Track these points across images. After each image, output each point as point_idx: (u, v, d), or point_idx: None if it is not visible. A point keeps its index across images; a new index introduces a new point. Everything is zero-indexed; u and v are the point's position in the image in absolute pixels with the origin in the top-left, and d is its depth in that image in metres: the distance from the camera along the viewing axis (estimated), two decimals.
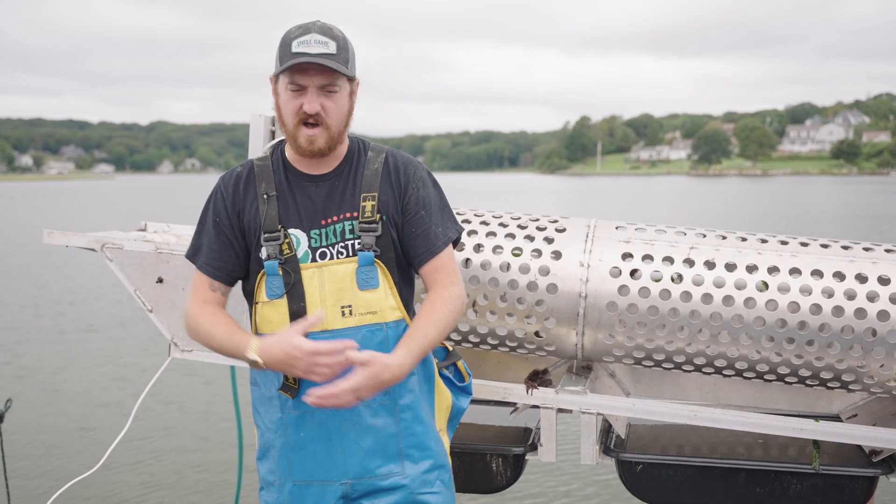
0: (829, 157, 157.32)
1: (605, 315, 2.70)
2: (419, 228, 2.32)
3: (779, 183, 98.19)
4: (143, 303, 2.98)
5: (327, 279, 2.23)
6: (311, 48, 2.18)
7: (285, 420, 2.28)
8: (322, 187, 2.30)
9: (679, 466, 2.70)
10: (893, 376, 2.59)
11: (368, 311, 2.23)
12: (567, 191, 72.80)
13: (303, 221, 2.27)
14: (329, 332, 2.20)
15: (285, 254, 2.24)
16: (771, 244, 2.73)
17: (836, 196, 60.09)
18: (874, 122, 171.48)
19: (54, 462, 6.71)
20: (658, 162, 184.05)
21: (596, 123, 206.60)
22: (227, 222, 2.31)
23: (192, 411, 8.16)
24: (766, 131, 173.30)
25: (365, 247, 2.24)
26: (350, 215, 2.27)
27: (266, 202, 2.28)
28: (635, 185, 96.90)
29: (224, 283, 2.34)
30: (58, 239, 3.01)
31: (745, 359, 2.67)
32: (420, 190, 2.34)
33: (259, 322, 2.28)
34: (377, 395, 2.20)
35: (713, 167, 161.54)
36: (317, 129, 2.22)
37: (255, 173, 2.34)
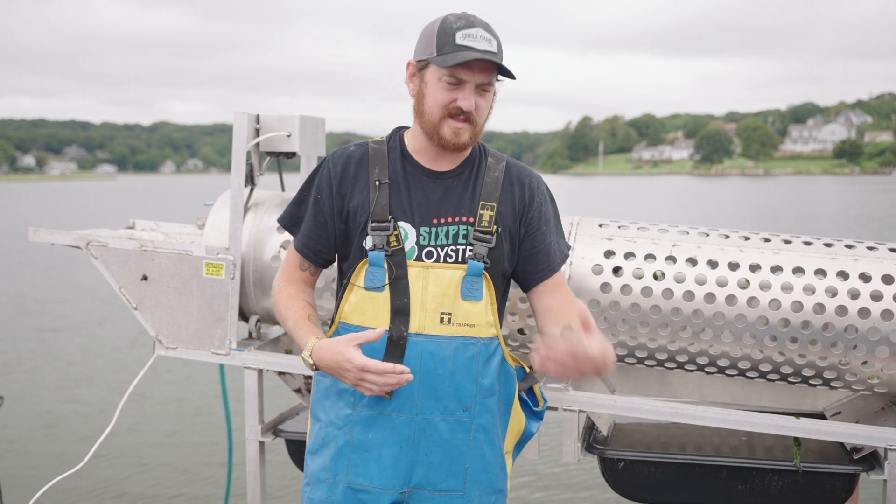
0: (832, 156, 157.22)
1: None
2: (541, 244, 2.26)
3: (781, 183, 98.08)
4: (128, 300, 2.98)
5: (432, 282, 2.15)
6: (477, 43, 2.10)
7: (355, 418, 2.19)
8: (439, 185, 2.21)
9: (661, 463, 2.71)
10: (875, 373, 2.60)
11: (466, 323, 2.16)
12: (569, 191, 72.67)
13: (414, 216, 2.18)
14: (424, 336, 2.14)
15: (392, 246, 2.16)
16: (753, 241, 2.73)
17: (839, 196, 60.02)
18: (876, 121, 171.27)
19: (39, 459, 6.72)
20: (660, 162, 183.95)
21: (598, 123, 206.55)
22: (327, 202, 2.23)
23: (179, 408, 8.19)
24: (768, 131, 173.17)
25: (476, 256, 2.16)
26: (466, 220, 2.18)
27: (378, 189, 2.19)
28: (637, 185, 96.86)
29: (313, 264, 2.29)
30: (43, 237, 3.02)
31: (728, 356, 2.67)
32: (543, 205, 2.29)
33: (348, 310, 2.19)
34: (457, 411, 2.16)
35: (715, 167, 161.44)
36: (466, 123, 2.14)
37: (368, 156, 2.24)
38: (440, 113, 2.13)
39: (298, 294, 2.29)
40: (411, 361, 2.13)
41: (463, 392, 2.16)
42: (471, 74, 2.10)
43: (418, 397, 2.15)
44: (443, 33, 2.11)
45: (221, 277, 2.90)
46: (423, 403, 2.15)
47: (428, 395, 2.15)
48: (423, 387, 2.14)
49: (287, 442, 3.01)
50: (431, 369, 2.14)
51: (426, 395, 2.15)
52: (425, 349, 2.14)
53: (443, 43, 2.10)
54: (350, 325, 2.19)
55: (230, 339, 2.92)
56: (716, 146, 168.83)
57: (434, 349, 2.14)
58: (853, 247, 2.68)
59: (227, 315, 2.91)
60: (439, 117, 2.13)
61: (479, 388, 2.18)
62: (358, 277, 2.18)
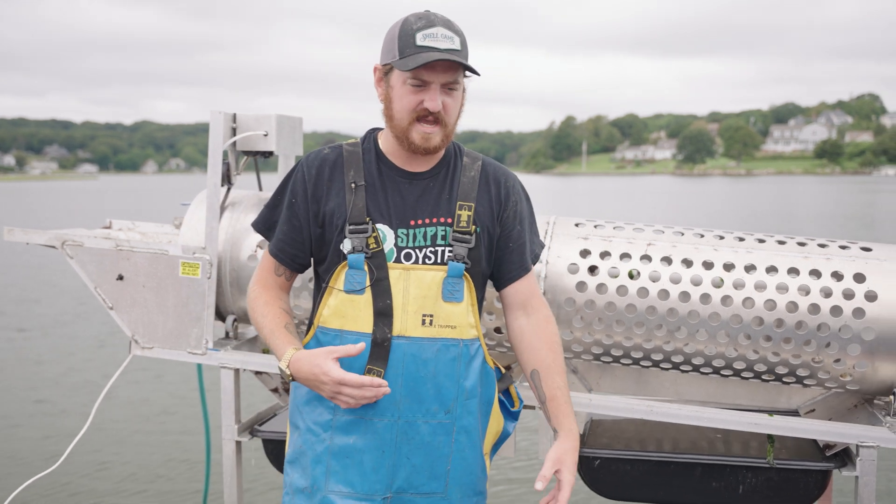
0: (813, 156, 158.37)
1: (563, 311, 2.72)
2: (516, 243, 2.27)
3: (763, 183, 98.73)
4: (104, 300, 2.97)
5: (413, 284, 2.13)
6: (438, 42, 2.07)
7: (336, 423, 2.16)
8: (416, 186, 2.20)
9: (636, 461, 2.72)
10: (847, 371, 2.62)
11: (448, 325, 2.15)
12: (552, 191, 72.81)
13: (392, 218, 2.16)
14: (406, 338, 2.12)
15: (372, 248, 2.14)
16: (727, 240, 2.75)
17: (819, 196, 60.46)
18: (857, 122, 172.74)
19: (12, 461, 6.66)
20: (643, 162, 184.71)
21: (581, 123, 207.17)
22: (302, 206, 2.21)
23: (155, 408, 8.13)
24: (750, 131, 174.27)
25: (457, 257, 2.16)
26: (444, 221, 2.17)
27: (353, 192, 2.17)
28: (621, 184, 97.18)
29: (289, 269, 2.27)
30: (18, 236, 3.00)
31: (702, 354, 2.69)
32: (518, 204, 2.29)
33: (327, 313, 2.16)
34: (439, 413, 2.16)
35: (698, 167, 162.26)
36: (436, 126, 2.12)
37: (343, 159, 2.22)
38: (408, 117, 2.12)
39: (274, 301, 2.26)
40: (394, 364, 2.12)
41: (445, 394, 2.16)
42: (434, 75, 2.08)
43: (401, 400, 2.13)
44: (403, 35, 2.09)
45: (198, 277, 2.90)
46: (406, 406, 2.14)
47: (410, 398, 2.14)
48: (405, 389, 2.13)
49: (264, 442, 3.00)
50: (414, 372, 2.13)
51: (408, 398, 2.13)
52: (407, 351, 2.13)
53: (404, 45, 2.08)
54: (330, 329, 2.16)
55: (207, 338, 2.91)
56: (698, 146, 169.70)
57: (416, 351, 2.13)
58: (826, 246, 2.71)
59: (203, 315, 2.90)
60: (408, 121, 2.12)
61: (461, 390, 2.18)
62: (337, 280, 2.15)
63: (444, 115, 2.12)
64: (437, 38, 2.07)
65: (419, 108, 2.10)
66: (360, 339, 2.12)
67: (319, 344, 2.17)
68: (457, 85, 2.13)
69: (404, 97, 2.11)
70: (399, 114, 2.13)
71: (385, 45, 2.14)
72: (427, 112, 2.10)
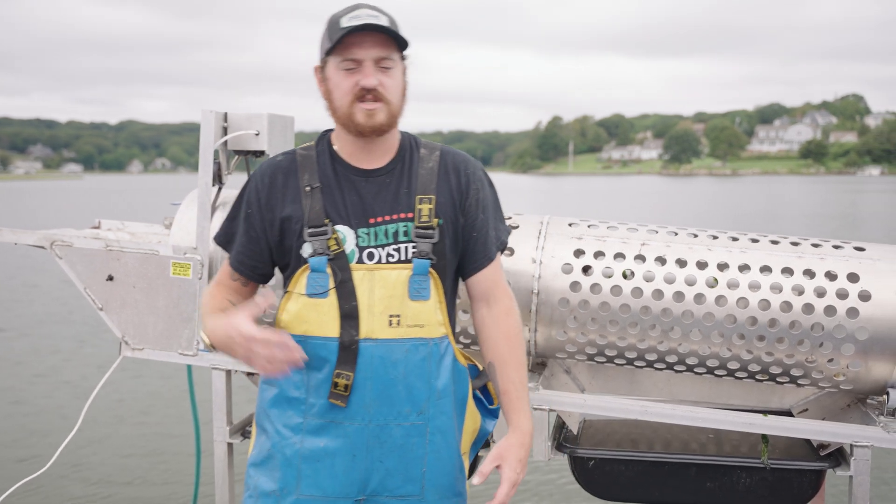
0: (798, 157, 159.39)
1: (557, 311, 2.71)
2: (479, 232, 2.21)
3: (748, 182, 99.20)
4: (94, 301, 2.94)
5: (378, 284, 2.08)
6: (362, 21, 2.03)
7: (306, 426, 2.12)
8: (372, 183, 2.15)
9: (631, 462, 2.72)
10: (841, 371, 2.62)
11: (416, 324, 2.10)
12: (539, 191, 72.97)
13: (350, 218, 2.11)
14: (373, 340, 2.08)
15: (333, 250, 2.08)
16: (721, 240, 2.75)
17: (806, 196, 60.80)
18: (841, 122, 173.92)
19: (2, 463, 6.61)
20: (629, 162, 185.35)
21: (568, 123, 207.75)
22: (258, 217, 2.17)
23: (145, 410, 8.08)
24: (735, 131, 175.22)
25: (421, 254, 2.10)
26: (405, 216, 2.12)
27: (309, 195, 2.13)
28: (607, 184, 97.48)
29: (246, 278, 2.22)
30: (6, 236, 2.97)
31: (696, 354, 2.69)
32: (480, 191, 2.23)
33: (287, 319, 2.12)
34: (411, 415, 2.11)
35: (684, 167, 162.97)
36: (377, 103, 2.07)
37: (297, 164, 2.18)
38: (348, 99, 2.07)
39: (220, 294, 2.22)
40: (362, 367, 2.08)
41: (416, 395, 2.12)
42: (363, 51, 2.04)
43: (371, 403, 2.09)
44: (331, 25, 2.08)
45: (189, 277, 2.87)
46: (377, 409, 2.10)
47: (381, 401, 2.09)
48: (375, 392, 2.09)
49: None
50: (383, 374, 2.09)
51: (379, 401, 2.09)
52: (375, 354, 2.08)
53: (332, 32, 2.06)
54: (292, 335, 2.09)
55: (198, 339, 2.89)
56: (684, 146, 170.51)
57: (384, 353, 2.09)
58: (819, 245, 2.71)
59: (194, 315, 2.88)
60: (348, 104, 2.08)
61: (433, 390, 2.14)
62: (297, 285, 2.11)
63: (383, 91, 2.07)
64: (361, 18, 2.04)
65: (356, 89, 2.06)
66: (326, 343, 2.08)
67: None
68: (390, 61, 2.08)
69: (341, 82, 2.08)
70: (339, 100, 2.09)
71: (320, 44, 2.13)
72: (364, 91, 2.06)
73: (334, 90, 2.10)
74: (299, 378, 2.11)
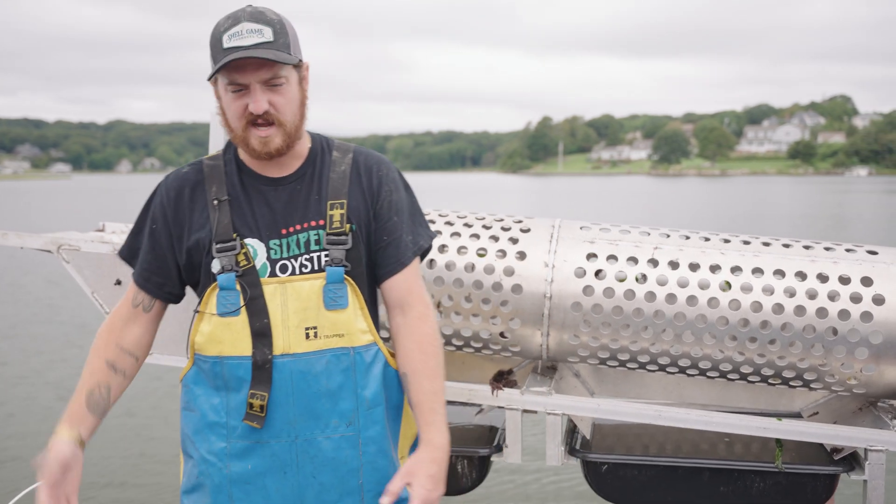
0: (786, 157, 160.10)
1: (569, 315, 2.69)
2: (391, 236, 2.14)
3: (737, 183, 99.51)
4: (101, 305, 2.91)
5: (291, 297, 2.02)
6: (243, 40, 1.93)
7: (230, 450, 2.05)
8: (282, 192, 2.08)
9: (644, 466, 2.70)
10: (854, 374, 2.62)
11: (335, 334, 2.04)
12: (530, 191, 73.00)
13: (260, 230, 2.05)
14: (291, 355, 2.02)
15: (242, 265, 2.01)
16: (733, 244, 2.74)
17: (794, 196, 61.02)
18: (829, 122, 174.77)
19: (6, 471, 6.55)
20: (619, 162, 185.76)
21: (558, 124, 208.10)
22: (164, 232, 2.10)
23: (148, 415, 8.04)
24: (724, 132, 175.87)
25: (334, 261, 2.04)
26: (316, 224, 2.06)
27: (217, 208, 2.05)
28: (597, 184, 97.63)
29: (151, 296, 2.13)
30: (12, 240, 2.93)
31: (709, 358, 2.68)
32: (393, 193, 2.16)
33: (201, 340, 2.06)
34: (340, 427, 2.05)
35: (673, 167, 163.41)
36: (270, 128, 2.00)
37: (204, 176, 2.10)
38: (240, 124, 2.01)
39: (104, 349, 2.12)
40: (282, 384, 2.02)
41: (343, 407, 2.06)
42: (247, 76, 1.96)
43: (296, 419, 2.03)
44: (214, 41, 1.98)
45: None
46: (302, 425, 2.04)
47: (306, 416, 2.04)
48: (298, 408, 2.03)
49: None
50: (304, 389, 2.03)
51: (304, 416, 2.04)
52: (294, 369, 2.02)
53: (215, 52, 1.97)
54: (208, 357, 2.06)
55: None
56: (673, 147, 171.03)
57: (304, 368, 2.02)
58: (832, 249, 2.71)
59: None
60: (241, 129, 2.01)
61: (362, 400, 2.07)
62: (208, 304, 2.04)
63: (275, 114, 2.00)
64: (243, 36, 1.94)
65: (246, 114, 1.99)
66: (242, 363, 2.02)
67: (201, 373, 2.08)
68: (279, 80, 1.99)
69: (230, 105, 2.01)
70: (232, 122, 2.02)
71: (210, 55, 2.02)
72: (255, 116, 1.99)
73: (226, 110, 2.03)
74: (218, 401, 2.05)
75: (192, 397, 2.10)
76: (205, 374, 2.08)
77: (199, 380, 2.09)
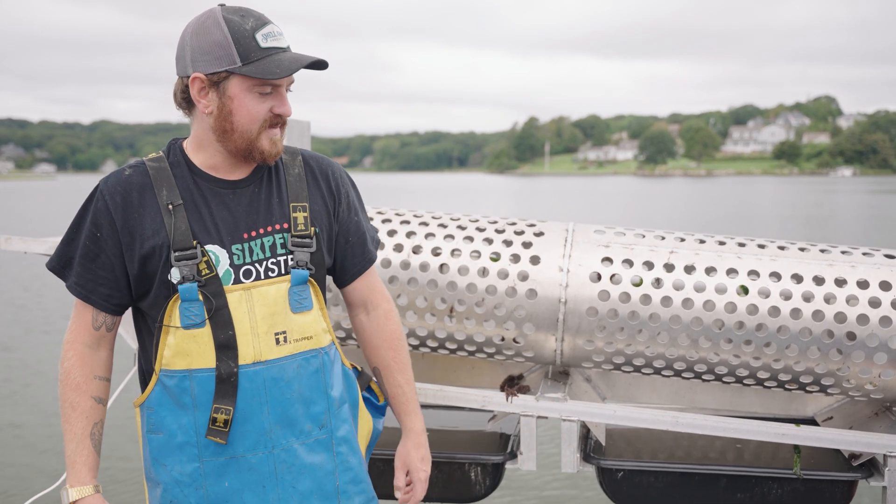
0: (772, 157, 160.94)
1: (584, 321, 2.66)
2: (355, 236, 2.15)
3: (723, 183, 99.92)
4: None
5: (258, 302, 1.95)
6: (280, 41, 1.92)
7: (205, 470, 1.96)
8: (241, 195, 2.00)
9: (660, 473, 2.67)
10: (871, 380, 2.60)
11: (304, 337, 2.00)
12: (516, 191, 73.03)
13: (221, 235, 1.96)
14: (263, 363, 1.95)
15: (204, 274, 1.92)
16: (749, 248, 2.72)
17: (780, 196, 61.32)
18: (814, 123, 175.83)
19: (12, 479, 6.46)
20: (605, 162, 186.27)
21: (544, 124, 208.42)
22: (111, 240, 1.95)
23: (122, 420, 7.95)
24: (709, 132, 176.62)
25: (299, 264, 2.00)
26: (281, 227, 2.01)
27: (172, 213, 1.93)
28: (584, 185, 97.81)
29: (106, 313, 2.01)
30: (16, 245, 2.88)
31: (725, 363, 2.65)
32: (349, 194, 2.16)
33: (169, 354, 1.94)
34: (314, 430, 2.02)
35: (659, 167, 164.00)
36: (281, 128, 1.99)
37: (151, 178, 1.97)
38: (257, 126, 1.94)
39: (86, 384, 2.00)
40: (256, 393, 1.95)
41: (315, 409, 2.02)
42: (283, 78, 1.94)
43: (272, 429, 1.98)
44: (240, 37, 1.89)
45: None
46: (279, 434, 1.98)
47: (281, 424, 1.98)
48: (273, 417, 1.97)
49: None
50: (279, 396, 1.97)
51: (279, 425, 1.98)
52: (268, 377, 1.96)
53: (246, 49, 1.89)
54: (176, 372, 1.95)
55: None
56: (659, 147, 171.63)
57: (277, 374, 1.97)
58: (849, 253, 2.69)
59: None
60: (258, 131, 1.94)
61: (331, 400, 2.05)
62: (171, 317, 1.93)
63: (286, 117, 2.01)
64: (277, 37, 1.92)
65: (269, 116, 1.95)
66: (210, 375, 1.94)
67: (166, 391, 1.96)
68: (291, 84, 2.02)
69: (252, 106, 1.93)
70: (247, 125, 1.93)
71: (205, 49, 1.90)
72: (277, 118, 1.96)
73: (239, 112, 1.93)
74: (187, 420, 1.96)
75: (157, 420, 1.98)
76: (169, 392, 1.96)
77: (163, 400, 1.97)
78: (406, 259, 2.73)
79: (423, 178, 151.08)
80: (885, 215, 39.05)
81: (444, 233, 2.79)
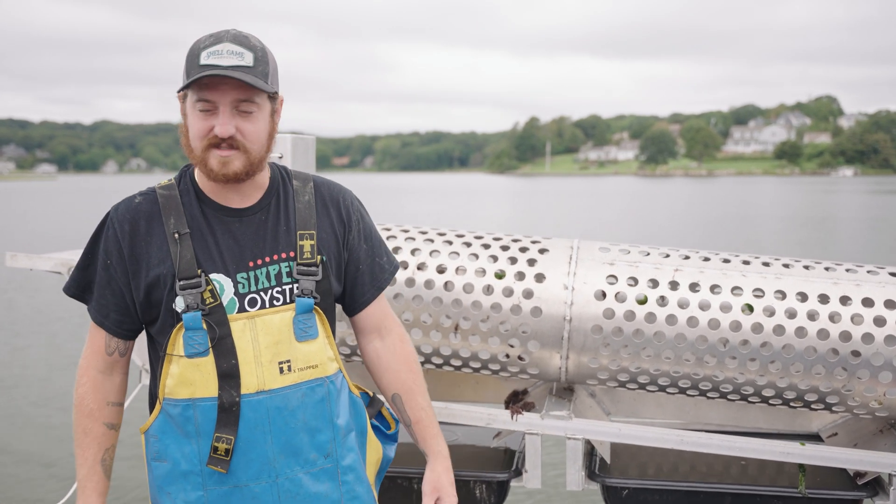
0: (773, 157, 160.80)
1: (589, 338, 2.66)
2: (365, 264, 2.13)
3: (724, 183, 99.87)
4: None
5: (262, 331, 1.94)
6: (222, 59, 1.85)
7: (208, 499, 1.95)
8: (247, 223, 1.99)
9: (665, 491, 2.68)
10: (877, 398, 2.60)
11: (308, 366, 1.98)
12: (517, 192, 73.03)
13: (227, 264, 1.95)
14: (267, 392, 1.94)
15: (208, 303, 1.92)
16: (754, 265, 2.72)
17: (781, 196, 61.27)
18: (815, 123, 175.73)
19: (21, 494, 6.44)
20: (606, 162, 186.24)
21: (545, 124, 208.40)
22: (119, 268, 1.96)
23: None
24: (710, 132, 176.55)
25: (304, 292, 1.98)
26: (287, 256, 1.99)
27: (178, 242, 1.94)
28: (585, 185, 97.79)
29: (119, 338, 2.02)
30: (21, 262, 2.88)
31: (730, 381, 2.65)
32: (361, 222, 2.14)
33: (172, 384, 1.95)
34: (319, 459, 2.00)
35: (660, 167, 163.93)
36: (232, 150, 1.90)
37: (160, 206, 1.97)
38: (201, 144, 1.91)
39: (100, 411, 2.03)
40: (259, 423, 1.94)
41: (320, 439, 2.01)
42: (219, 95, 1.87)
43: (275, 458, 1.96)
44: (191, 56, 1.89)
45: None
46: (283, 463, 1.97)
47: (285, 454, 1.97)
48: (277, 446, 1.96)
49: None
50: (283, 425, 1.96)
51: (284, 454, 1.97)
52: (271, 406, 1.95)
53: (190, 66, 1.88)
54: (179, 401, 1.95)
55: None
56: (660, 147, 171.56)
57: (281, 403, 1.95)
58: (854, 271, 2.69)
59: None
60: (202, 149, 1.91)
61: (337, 429, 2.03)
62: (175, 346, 1.94)
63: (241, 140, 1.91)
64: (222, 55, 1.86)
65: (210, 136, 1.90)
66: (213, 405, 1.93)
67: (170, 420, 1.96)
68: (251, 106, 1.91)
69: (194, 123, 1.91)
70: (193, 141, 1.92)
71: (183, 70, 1.93)
72: (218, 139, 1.89)
73: (190, 128, 1.93)
74: (190, 449, 1.95)
75: (161, 448, 1.98)
76: (173, 421, 1.96)
77: (167, 429, 1.98)
78: (411, 276, 2.73)
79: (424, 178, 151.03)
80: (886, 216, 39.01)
81: (448, 249, 2.79)
